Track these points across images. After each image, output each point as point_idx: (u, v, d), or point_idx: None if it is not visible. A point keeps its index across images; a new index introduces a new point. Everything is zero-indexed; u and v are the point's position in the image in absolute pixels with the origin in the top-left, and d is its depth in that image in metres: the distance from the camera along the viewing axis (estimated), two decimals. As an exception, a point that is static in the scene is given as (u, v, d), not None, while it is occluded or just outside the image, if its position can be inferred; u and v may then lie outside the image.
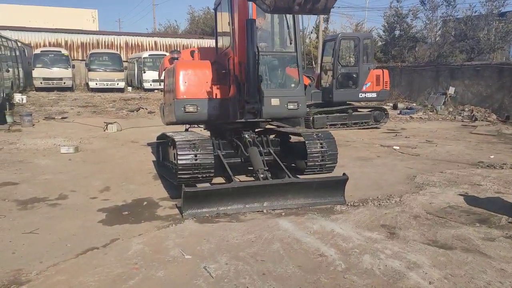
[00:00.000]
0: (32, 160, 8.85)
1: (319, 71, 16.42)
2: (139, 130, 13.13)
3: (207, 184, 6.30)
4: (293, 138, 7.65)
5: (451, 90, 18.97)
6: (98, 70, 27.67)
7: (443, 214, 5.64)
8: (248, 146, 6.73)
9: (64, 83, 26.76)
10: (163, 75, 8.72)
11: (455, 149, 10.74)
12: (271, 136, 7.45)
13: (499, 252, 4.45)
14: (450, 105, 18.58)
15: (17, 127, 13.00)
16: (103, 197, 6.42)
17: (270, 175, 6.32)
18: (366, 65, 14.20)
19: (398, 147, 10.79)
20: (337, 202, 6.09)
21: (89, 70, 27.74)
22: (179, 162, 5.89)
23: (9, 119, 13.71)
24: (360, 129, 14.20)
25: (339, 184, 6.17)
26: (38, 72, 25.92)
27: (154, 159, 9.06)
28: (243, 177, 7.30)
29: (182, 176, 5.98)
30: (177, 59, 7.99)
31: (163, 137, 7.87)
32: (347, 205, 6.04)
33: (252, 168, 6.70)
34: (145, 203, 6.17)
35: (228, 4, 6.79)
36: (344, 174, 6.19)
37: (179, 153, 5.92)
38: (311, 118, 13.48)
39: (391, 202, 6.17)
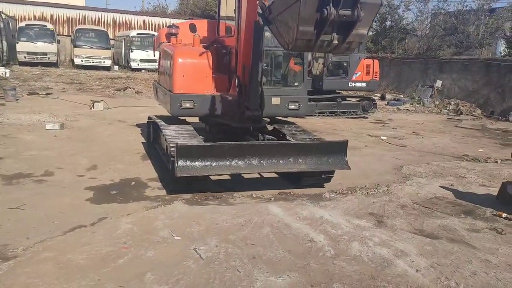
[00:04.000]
0: (16, 135, 8.67)
1: (310, 58, 16.34)
2: (126, 109, 12.95)
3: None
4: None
5: (438, 83, 19.13)
6: (84, 46, 27.03)
7: (429, 205, 5.72)
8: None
9: (49, 58, 26.12)
10: (157, 51, 8.28)
11: (441, 141, 10.87)
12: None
13: (484, 244, 4.54)
14: (436, 98, 18.75)
15: (0, 101, 12.71)
16: (90, 176, 6.34)
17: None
18: (357, 54, 14.17)
19: (385, 138, 10.88)
20: (341, 168, 5.93)
21: (75, 46, 27.07)
22: (177, 175, 5.25)
23: (-8, 92, 13.38)
24: (348, 118, 14.24)
25: (340, 148, 5.95)
26: (22, 46, 25.23)
27: (142, 139, 8.97)
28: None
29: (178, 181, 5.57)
30: (176, 35, 7.37)
31: (153, 119, 7.58)
32: (336, 192, 6.07)
33: None
34: (133, 183, 6.11)
35: None
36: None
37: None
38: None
39: (379, 191, 6.23)
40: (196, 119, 7.39)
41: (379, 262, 3.98)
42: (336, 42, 4.30)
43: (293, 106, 6.79)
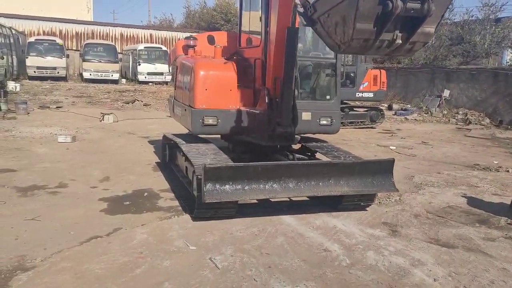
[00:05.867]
0: (29, 148, 8.76)
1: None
2: (135, 122, 13.05)
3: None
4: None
5: (446, 93, 19.11)
6: (92, 60, 27.39)
7: (443, 214, 5.70)
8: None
9: (58, 72, 26.44)
10: (173, 65, 7.87)
11: (451, 151, 10.83)
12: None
13: (500, 252, 4.51)
14: (444, 108, 18.72)
15: (11, 114, 12.85)
16: (103, 187, 6.38)
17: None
18: (364, 64, 14.24)
19: (394, 147, 10.86)
20: (387, 190, 5.47)
21: (84, 60, 27.43)
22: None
23: (3, 106, 13.54)
24: (356, 128, 14.25)
25: (386, 167, 5.43)
26: (32, 61, 25.58)
27: (152, 151, 9.03)
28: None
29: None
30: (194, 47, 6.98)
31: (171, 138, 7.00)
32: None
33: None
34: (146, 194, 6.15)
35: (261, 1, 5.92)
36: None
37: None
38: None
39: (391, 201, 6.21)
40: (217, 137, 6.79)
41: (396, 271, 3.96)
42: (400, 41, 3.67)
43: (325, 122, 6.21)
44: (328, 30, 3.84)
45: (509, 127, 16.10)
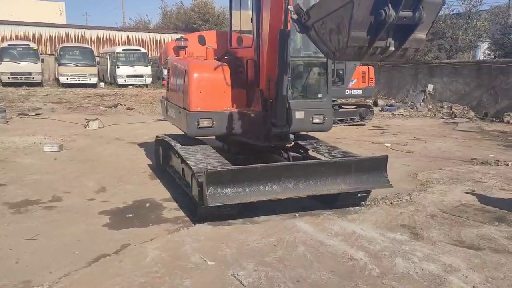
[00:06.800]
0: (14, 159, 8.29)
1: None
2: (121, 127, 12.62)
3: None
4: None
5: (430, 88, 19.20)
6: (69, 64, 26.60)
7: (458, 213, 5.55)
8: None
9: (33, 78, 25.64)
10: (164, 66, 7.89)
11: (444, 146, 10.79)
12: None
13: (528, 252, 4.37)
14: (429, 102, 18.80)
15: (-11, 124, 12.27)
16: (101, 199, 6.02)
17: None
18: (352, 61, 14.10)
19: (389, 144, 10.74)
20: (382, 186, 5.54)
21: (60, 64, 26.61)
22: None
23: (-21, 115, 12.91)
24: (346, 126, 14.12)
25: (380, 164, 5.54)
26: (6, 67, 24.70)
27: (145, 157, 8.67)
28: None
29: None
30: (184, 48, 7.01)
31: (165, 140, 6.96)
32: (359, 204, 5.86)
33: None
34: (147, 204, 5.82)
35: (252, 1, 5.94)
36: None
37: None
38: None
39: (402, 201, 6.04)
40: (211, 137, 6.80)
41: (431, 279, 3.76)
42: (393, 48, 3.82)
43: (317, 120, 6.29)
44: (323, 37, 3.93)
45: (494, 119, 16.24)
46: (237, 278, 3.75)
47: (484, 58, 21.40)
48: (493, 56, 19.24)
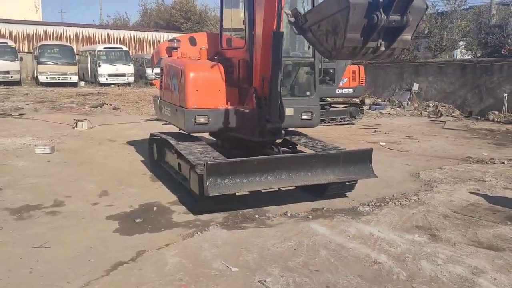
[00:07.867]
0: (5, 161, 7.98)
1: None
2: (110, 127, 12.32)
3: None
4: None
5: (415, 86, 19.41)
6: (48, 63, 25.91)
7: (470, 213, 5.57)
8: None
9: (12, 77, 24.88)
10: (157, 66, 8.00)
11: (437, 144, 10.89)
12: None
13: (547, 252, 4.40)
14: (415, 101, 19.01)
15: (-28, 125, 11.83)
16: (105, 203, 5.83)
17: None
18: (343, 61, 14.11)
19: (384, 143, 10.79)
20: (368, 176, 5.91)
21: (39, 63, 25.90)
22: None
23: (-39, 116, 12.45)
24: (337, 125, 14.14)
25: (366, 156, 5.95)
26: (-17, 66, 23.96)
27: (142, 158, 8.47)
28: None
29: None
30: (177, 49, 7.20)
31: (160, 137, 7.27)
32: (369, 205, 5.84)
33: None
34: (155, 208, 5.66)
35: (244, 1, 6.14)
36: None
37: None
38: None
39: (411, 201, 6.04)
40: (205, 134, 7.06)
41: (460, 282, 3.73)
42: (383, 48, 4.17)
43: (306, 117, 6.60)
44: (320, 38, 4.26)
45: (479, 117, 16.51)
46: (265, 284, 3.65)
47: (461, 57, 21.81)
48: (471, 55, 19.56)
